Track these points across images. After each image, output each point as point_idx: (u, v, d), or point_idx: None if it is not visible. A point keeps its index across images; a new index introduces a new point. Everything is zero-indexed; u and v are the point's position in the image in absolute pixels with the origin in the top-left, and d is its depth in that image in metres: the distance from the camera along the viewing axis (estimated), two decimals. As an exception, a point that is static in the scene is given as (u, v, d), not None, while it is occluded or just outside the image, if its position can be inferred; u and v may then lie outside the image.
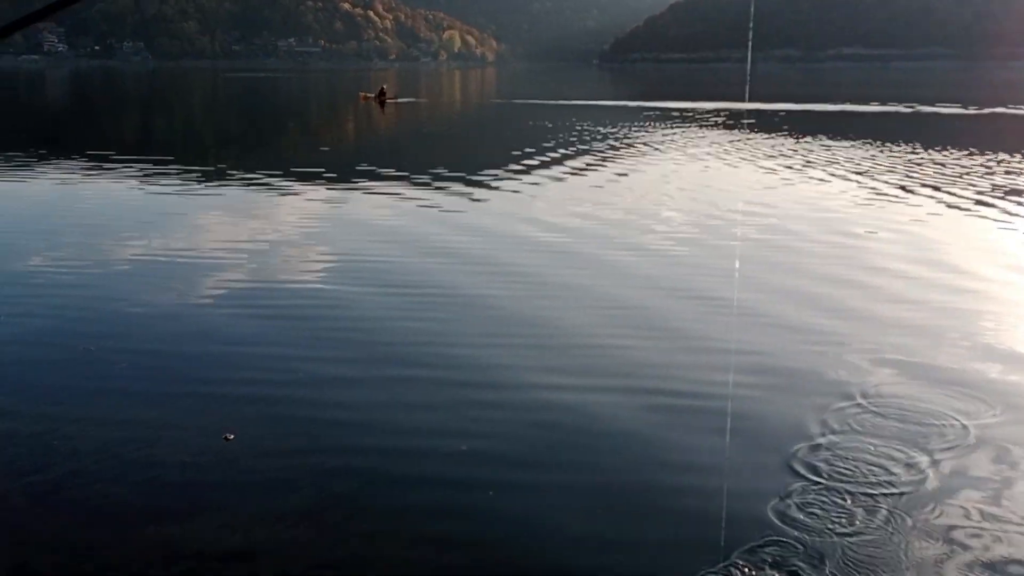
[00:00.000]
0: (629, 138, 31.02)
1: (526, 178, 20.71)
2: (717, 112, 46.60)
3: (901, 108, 49.98)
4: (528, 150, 26.27)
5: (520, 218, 15.60)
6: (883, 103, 54.31)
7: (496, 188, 19.26)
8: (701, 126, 37.13)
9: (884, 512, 5.31)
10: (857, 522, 5.19)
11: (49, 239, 13.55)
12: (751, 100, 57.61)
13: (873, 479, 5.75)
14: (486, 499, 5.59)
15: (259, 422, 6.72)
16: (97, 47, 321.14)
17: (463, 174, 21.12)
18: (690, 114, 45.29)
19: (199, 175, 21.31)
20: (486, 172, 21.52)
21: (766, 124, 37.62)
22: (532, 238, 13.87)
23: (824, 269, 11.73)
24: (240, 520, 5.31)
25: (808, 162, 23.69)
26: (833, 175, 21.10)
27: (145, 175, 21.07)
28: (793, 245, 13.28)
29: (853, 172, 21.61)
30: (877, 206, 16.90)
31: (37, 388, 7.38)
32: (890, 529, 5.12)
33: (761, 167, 22.72)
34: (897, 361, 8.05)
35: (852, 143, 28.64)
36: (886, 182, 19.89)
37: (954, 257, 12.53)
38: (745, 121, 39.58)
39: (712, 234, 14.17)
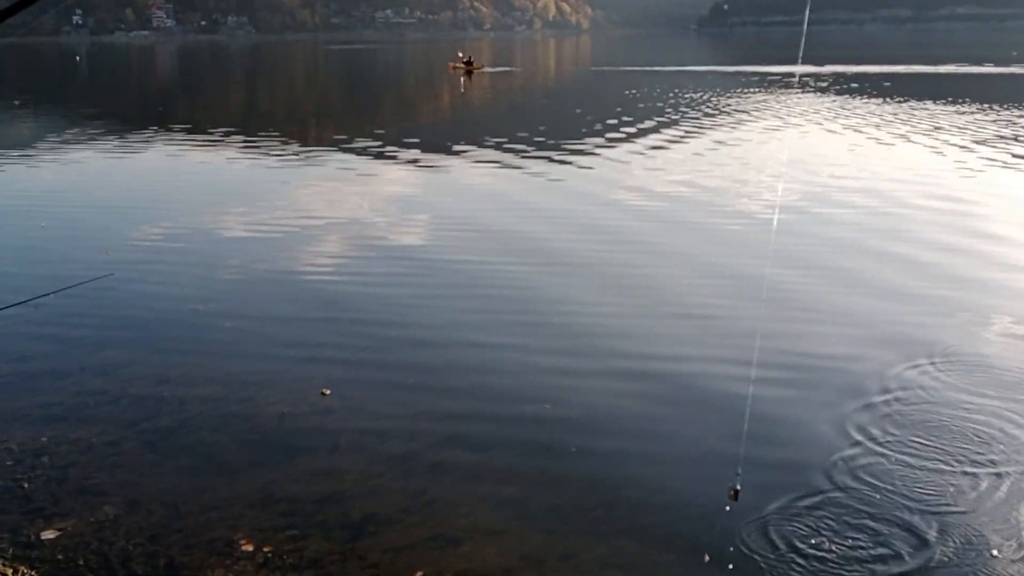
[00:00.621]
0: (725, 104, 30.46)
1: (623, 146, 20.68)
2: (817, 76, 45.18)
3: (1018, 69, 47.50)
4: (625, 118, 26.11)
5: (617, 186, 15.63)
6: (999, 64, 51.72)
7: (593, 156, 19.27)
8: (800, 90, 36.13)
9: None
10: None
11: (158, 208, 14.24)
12: (861, 63, 55.50)
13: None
14: (565, 460, 5.75)
15: (353, 380, 7.03)
16: (204, 22, 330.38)
17: (557, 143, 21.19)
18: (790, 78, 44.06)
19: (299, 146, 21.95)
20: (582, 141, 21.54)
21: (867, 88, 36.36)
22: (628, 206, 13.90)
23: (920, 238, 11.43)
24: (333, 467, 5.62)
25: (912, 129, 22.89)
26: (939, 142, 20.35)
27: (248, 147, 21.83)
28: (896, 214, 12.96)
29: (960, 139, 20.81)
30: (986, 176, 16.30)
31: (150, 345, 7.86)
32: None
33: (860, 133, 22.07)
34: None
35: (962, 107, 27.47)
36: (995, 149, 19.11)
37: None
38: (848, 85, 38.31)
39: (813, 202, 13.92)
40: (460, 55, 60.94)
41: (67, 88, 53.49)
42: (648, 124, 24.76)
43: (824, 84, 39.40)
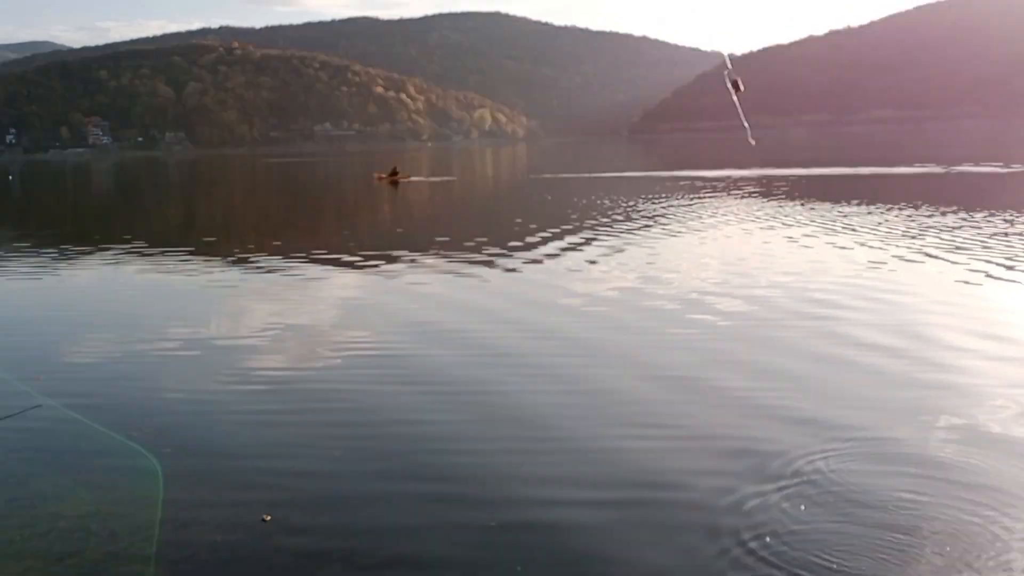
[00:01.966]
0: (659, 208, 31.27)
1: (561, 251, 20.96)
2: (745, 179, 46.82)
3: (935, 168, 49.83)
4: (563, 225, 26.60)
5: (555, 291, 15.77)
6: (915, 164, 54.24)
7: (532, 263, 19.48)
8: (729, 193, 37.36)
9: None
10: None
11: (94, 328, 13.94)
12: (791, 166, 57.76)
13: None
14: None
15: (295, 502, 6.85)
16: (140, 138, 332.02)
17: (498, 249, 21.43)
18: (720, 182, 45.58)
19: (238, 258, 21.84)
20: (521, 248, 21.80)
21: (795, 189, 37.75)
22: (565, 310, 14.03)
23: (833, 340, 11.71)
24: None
25: (845, 228, 23.71)
26: (862, 242, 21.06)
27: (187, 261, 21.64)
28: (808, 316, 13.29)
29: (883, 237, 21.61)
30: (909, 272, 16.87)
31: (80, 476, 7.56)
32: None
33: (788, 237, 22.75)
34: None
35: (886, 206, 28.63)
36: (920, 246, 19.86)
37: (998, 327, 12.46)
38: (774, 187, 39.73)
39: (756, 306, 14.21)
40: (396, 167, 62.64)
41: (-1, 207, 52.78)
42: (584, 230, 25.26)
43: (752, 187, 40.82)
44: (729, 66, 11.12)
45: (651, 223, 26.49)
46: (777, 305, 13.78)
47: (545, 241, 22.86)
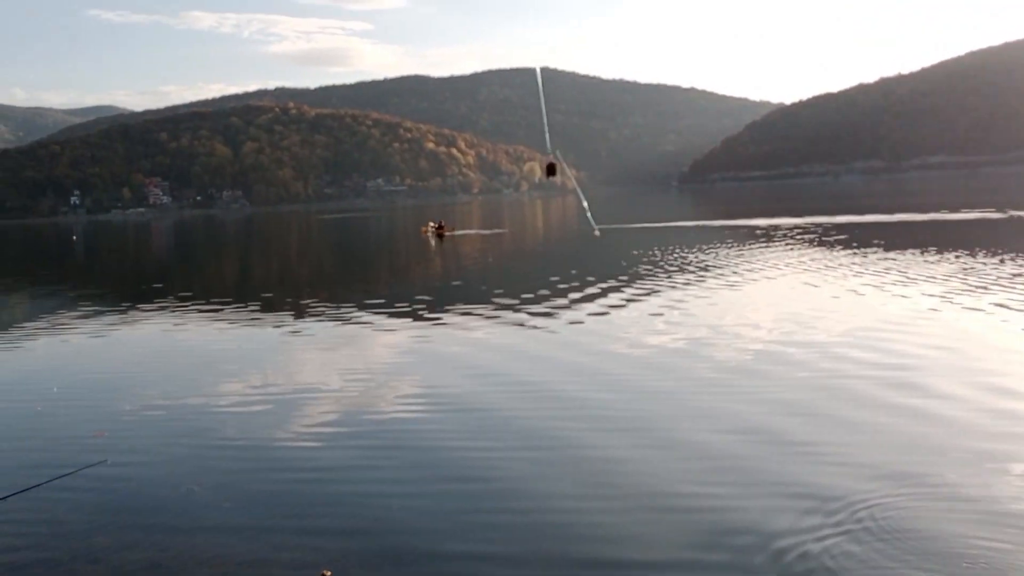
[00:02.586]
0: (712, 257, 31.08)
1: (615, 304, 20.91)
2: (796, 227, 46.39)
3: (993, 213, 48.89)
4: (617, 275, 26.57)
5: (609, 343, 15.71)
6: (972, 209, 53.30)
7: (586, 315, 19.45)
8: (782, 242, 37.00)
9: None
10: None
11: (153, 384, 14.20)
12: (845, 214, 57.20)
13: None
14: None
15: (354, 559, 6.84)
16: (199, 197, 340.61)
17: (550, 301, 21.45)
18: (773, 231, 45.20)
19: (293, 314, 22.14)
20: (575, 299, 21.81)
21: (850, 237, 37.28)
22: (620, 362, 13.95)
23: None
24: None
25: (903, 275, 23.33)
26: (921, 290, 20.68)
27: (243, 317, 22.01)
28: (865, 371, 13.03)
29: (942, 284, 21.20)
30: (970, 319, 16.51)
31: (143, 530, 7.67)
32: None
33: (845, 285, 22.42)
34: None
35: (944, 252, 28.12)
36: (980, 293, 19.43)
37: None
38: (831, 235, 39.30)
39: (805, 357, 13.99)
40: (442, 221, 65.74)
41: (63, 267, 54.38)
42: (638, 281, 25.18)
43: (805, 235, 40.41)
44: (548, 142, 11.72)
45: (705, 273, 26.31)
46: (838, 354, 13.57)
47: (600, 293, 22.83)
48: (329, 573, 6.53)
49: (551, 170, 12.37)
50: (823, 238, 37.98)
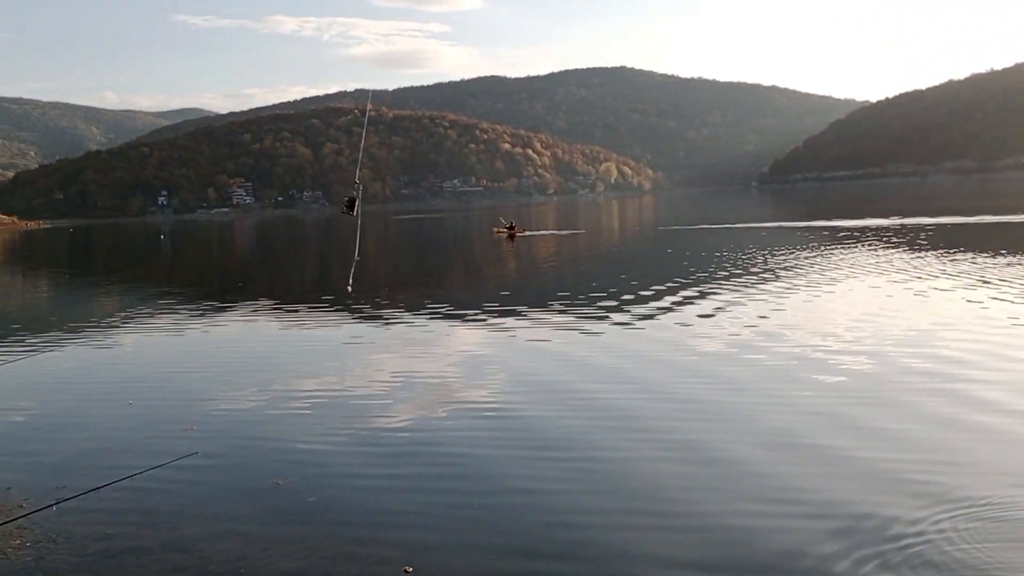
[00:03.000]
0: (789, 261, 30.49)
1: (684, 307, 20.70)
2: (881, 229, 45.17)
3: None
4: (694, 276, 26.31)
5: (686, 345, 15.57)
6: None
7: (652, 319, 19.30)
8: (864, 244, 36.06)
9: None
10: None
11: (239, 379, 14.59)
12: (932, 215, 55.58)
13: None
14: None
15: (437, 555, 6.91)
16: (280, 198, 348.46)
17: (627, 302, 21.34)
18: (856, 232, 44.12)
19: (371, 311, 22.47)
20: (652, 300, 21.66)
21: (935, 240, 36.17)
22: (692, 367, 13.81)
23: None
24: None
25: (982, 281, 22.52)
26: (1000, 297, 19.89)
27: (323, 314, 22.43)
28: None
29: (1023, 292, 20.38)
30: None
31: (230, 522, 7.88)
32: None
33: (921, 291, 21.71)
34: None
35: (1037, 255, 27.04)
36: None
37: None
38: (916, 238, 38.20)
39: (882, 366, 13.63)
40: (502, 221, 66.10)
41: (151, 264, 56.25)
42: (713, 283, 24.86)
43: (888, 237, 39.35)
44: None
45: (781, 276, 25.83)
46: (906, 365, 13.06)
47: (675, 296, 22.61)
48: (411, 569, 6.60)
49: (351, 205, 12.10)
50: (911, 240, 36.91)
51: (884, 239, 38.17)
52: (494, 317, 20.50)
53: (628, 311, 20.05)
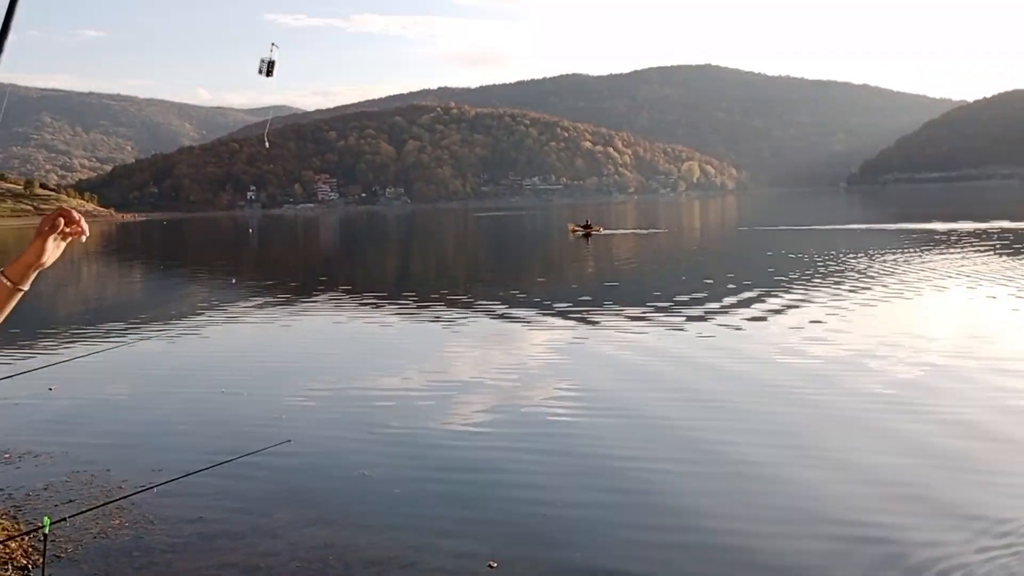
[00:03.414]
0: (883, 263, 29.66)
1: (772, 310, 20.31)
2: (978, 232, 43.56)
3: None
4: (778, 279, 25.83)
5: (764, 352, 15.28)
6: None
7: (747, 320, 18.98)
8: (961, 248, 34.82)
9: None
10: None
11: (325, 371, 14.87)
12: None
13: None
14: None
15: (521, 550, 6.93)
16: (363, 194, 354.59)
17: (708, 305, 21.07)
18: (952, 235, 42.65)
19: (448, 308, 22.65)
20: (734, 304, 21.33)
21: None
22: (774, 375, 13.54)
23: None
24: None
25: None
26: None
27: (403, 309, 22.74)
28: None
29: None
30: None
31: (318, 510, 8.04)
32: None
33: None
34: None
35: None
36: None
37: None
38: (1015, 243, 36.74)
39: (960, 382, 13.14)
40: (588, 220, 66.50)
41: (240, 257, 57.84)
42: (796, 284, 24.34)
43: (988, 240, 37.95)
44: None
45: (873, 279, 25.13)
46: (972, 380, 12.36)
47: (759, 297, 22.21)
48: (495, 564, 6.63)
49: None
50: (1010, 244, 35.53)
51: (976, 244, 36.81)
52: (573, 314, 20.42)
53: (700, 316, 19.67)
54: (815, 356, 14.37)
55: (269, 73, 8.96)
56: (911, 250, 34.94)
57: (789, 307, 20.26)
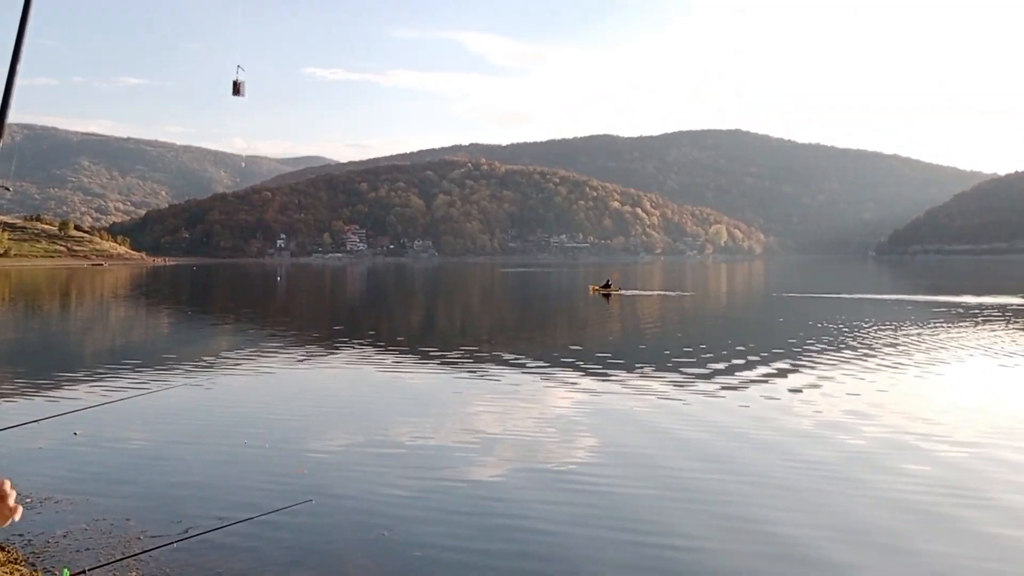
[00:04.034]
0: (907, 338, 29.32)
1: (800, 376, 20.09)
2: (1007, 308, 43.02)
3: None
4: (808, 347, 25.60)
5: (792, 419, 15.08)
6: None
7: (754, 387, 18.78)
8: (988, 324, 34.38)
9: None
10: None
11: (347, 423, 14.86)
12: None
13: None
14: None
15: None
16: (391, 245, 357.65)
17: (735, 370, 20.89)
18: (980, 310, 42.16)
19: (472, 362, 22.63)
20: (764, 371, 21.14)
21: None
22: (800, 440, 13.35)
23: None
24: None
25: None
26: None
27: (426, 361, 22.74)
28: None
29: None
30: None
31: (336, 570, 7.95)
32: None
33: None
34: None
35: None
36: None
37: None
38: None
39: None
40: (610, 280, 68.53)
41: (267, 304, 58.20)
42: (823, 355, 24.07)
43: (1014, 317, 37.45)
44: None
45: (902, 352, 24.82)
46: (1007, 459, 12.16)
47: (773, 368, 21.99)
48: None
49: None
50: (1039, 321, 35.04)
51: (1006, 319, 36.34)
52: (596, 372, 20.31)
53: (724, 382, 19.54)
54: (852, 431, 14.14)
55: (237, 92, 9.57)
56: (941, 323, 34.55)
57: (824, 378, 19.93)
